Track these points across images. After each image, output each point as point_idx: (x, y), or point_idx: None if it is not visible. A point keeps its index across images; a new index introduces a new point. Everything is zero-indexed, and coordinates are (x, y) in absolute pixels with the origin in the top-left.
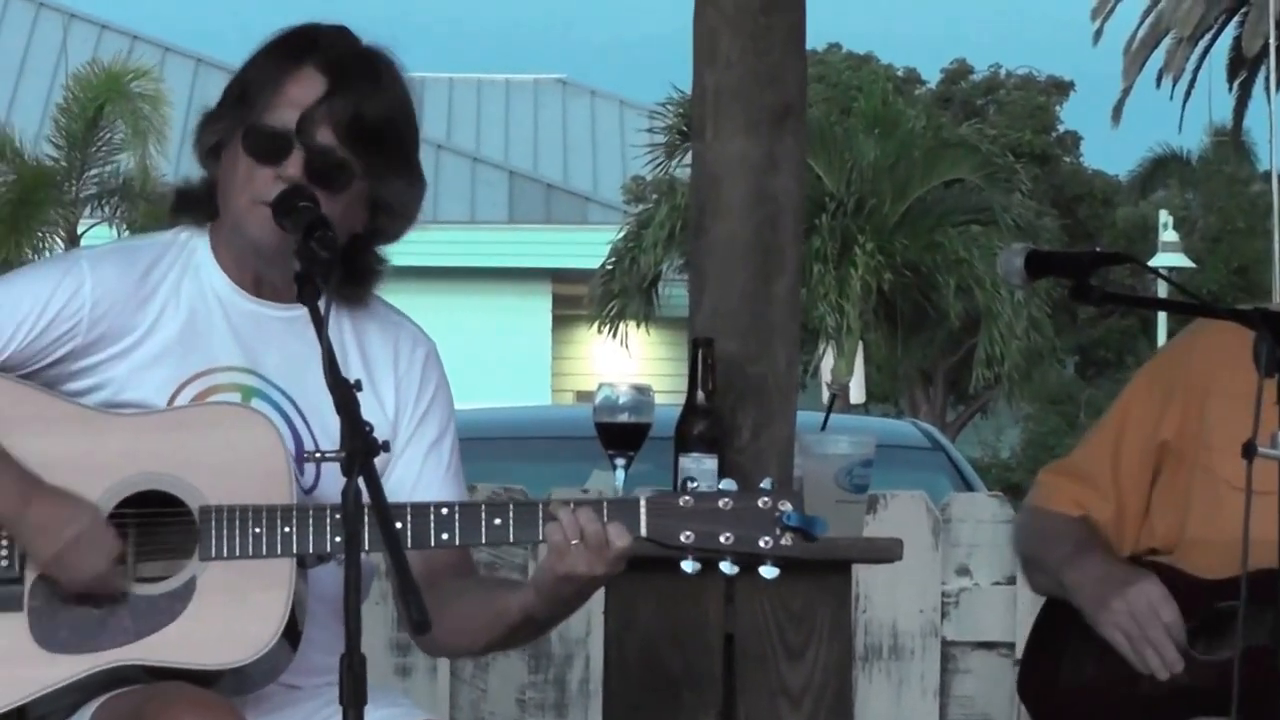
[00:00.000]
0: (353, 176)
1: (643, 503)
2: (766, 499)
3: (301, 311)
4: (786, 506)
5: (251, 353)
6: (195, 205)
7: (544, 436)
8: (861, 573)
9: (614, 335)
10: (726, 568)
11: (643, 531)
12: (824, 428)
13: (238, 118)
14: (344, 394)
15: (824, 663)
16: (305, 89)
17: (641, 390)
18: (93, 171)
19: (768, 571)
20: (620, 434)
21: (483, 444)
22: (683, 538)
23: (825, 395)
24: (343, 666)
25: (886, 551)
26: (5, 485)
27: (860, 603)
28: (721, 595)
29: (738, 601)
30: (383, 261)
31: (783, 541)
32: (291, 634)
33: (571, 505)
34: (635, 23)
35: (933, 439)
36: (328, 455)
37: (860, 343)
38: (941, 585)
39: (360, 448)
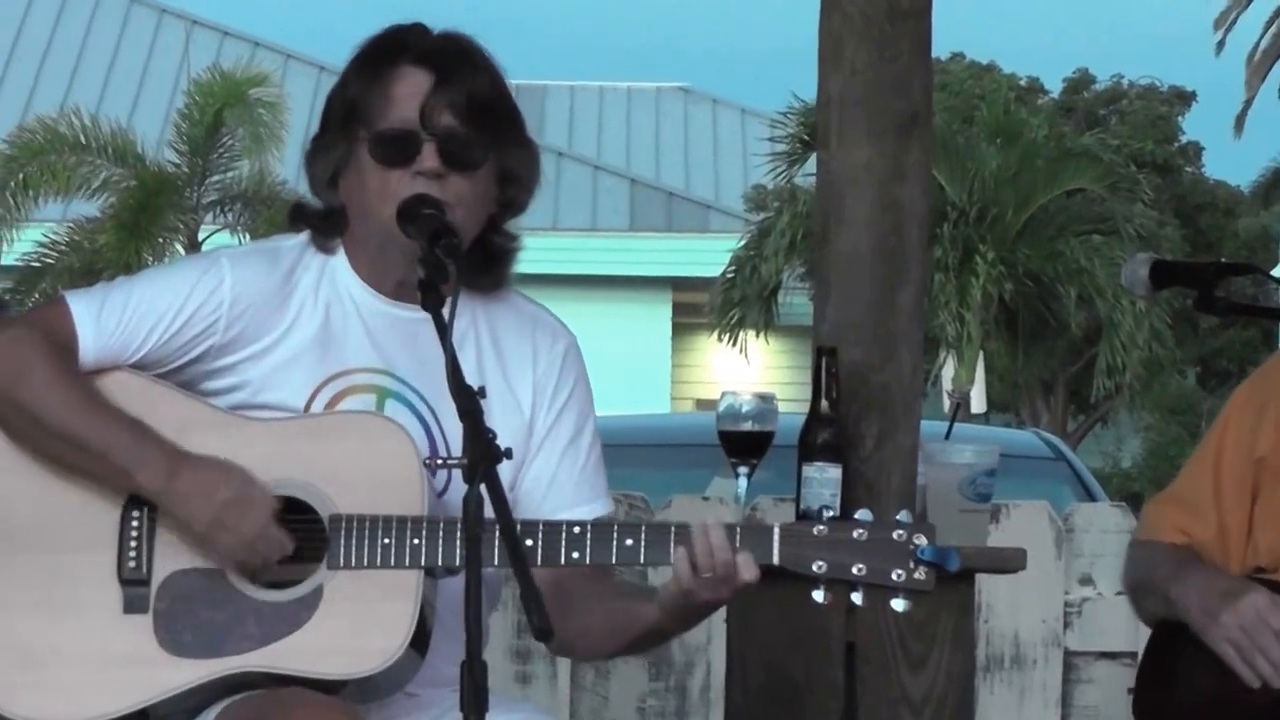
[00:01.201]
0: (485, 153)
1: (776, 531)
2: (901, 531)
3: None
4: (921, 540)
5: (386, 354)
6: (316, 226)
7: (664, 444)
8: (984, 582)
9: (734, 343)
10: (857, 599)
11: (775, 559)
12: (948, 437)
13: (351, 137)
14: (467, 401)
15: (946, 672)
16: (412, 85)
17: (765, 398)
18: (214, 178)
19: (898, 604)
20: (744, 442)
21: (605, 451)
22: (815, 567)
23: (946, 404)
24: (464, 673)
25: (1010, 561)
26: (152, 457)
27: (982, 612)
28: (844, 603)
29: (860, 611)
30: (516, 239)
31: (916, 575)
32: (419, 644)
33: (706, 529)
34: (757, 31)
35: (1055, 448)
36: (450, 462)
37: (981, 352)
38: (1064, 595)
39: (482, 455)
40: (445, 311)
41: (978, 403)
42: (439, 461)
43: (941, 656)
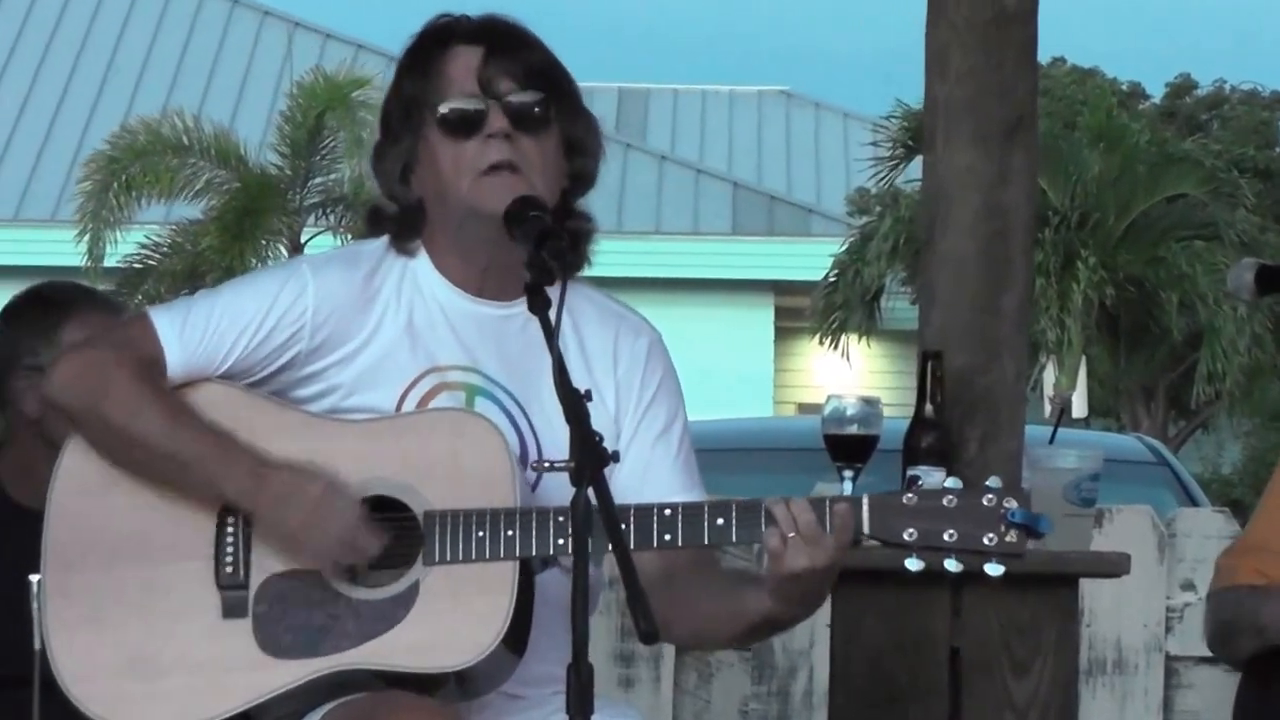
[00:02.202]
0: (549, 112)
1: (865, 500)
2: (991, 496)
3: (520, 309)
4: (1012, 504)
5: (473, 352)
6: (395, 227)
7: (767, 448)
8: (1086, 587)
9: (836, 347)
10: (951, 565)
11: (865, 529)
12: (1052, 441)
13: (415, 129)
14: (574, 404)
15: (1050, 677)
16: (466, 59)
17: (870, 402)
18: (316, 180)
19: (993, 569)
20: (849, 446)
21: (705, 455)
22: (906, 535)
23: (1047, 409)
24: (570, 676)
25: (1114, 565)
26: (236, 467)
27: (1085, 617)
28: (948, 608)
29: (964, 614)
30: (591, 219)
31: (1008, 538)
32: (516, 641)
33: (788, 498)
34: (858, 34)
35: (1157, 453)
36: (557, 465)
37: (1083, 357)
38: (1166, 600)
39: (590, 458)
40: (551, 314)
41: (1079, 408)
42: (546, 464)
43: (1045, 661)
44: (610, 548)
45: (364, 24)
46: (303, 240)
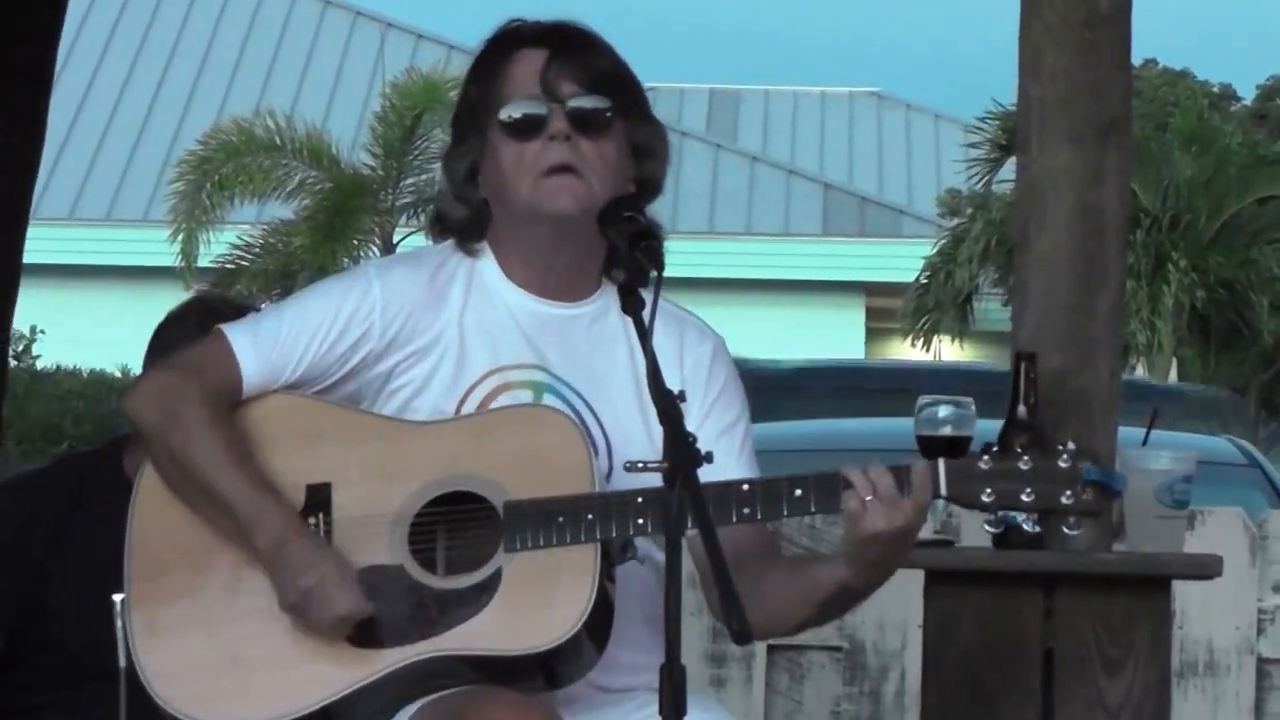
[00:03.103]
0: (610, 116)
1: (942, 464)
2: (1067, 456)
3: (587, 309)
4: (1086, 463)
5: (539, 350)
6: (461, 235)
7: (858, 449)
8: (1177, 589)
9: (927, 349)
10: (1028, 526)
11: (943, 490)
12: (1145, 443)
13: (481, 130)
14: (667, 404)
15: (1143, 678)
16: (530, 62)
17: (962, 403)
18: (408, 180)
19: (1070, 529)
20: (941, 447)
21: (796, 456)
22: (983, 497)
23: None
24: (663, 676)
25: (1207, 567)
26: (269, 526)
27: (1176, 619)
28: (1041, 609)
29: (1057, 615)
30: (660, 226)
31: (1084, 497)
32: (599, 630)
33: (864, 467)
34: (951, 36)
35: (1249, 456)
36: (650, 465)
37: (1173, 359)
38: (1257, 602)
39: (684, 459)
40: (645, 314)
41: None
42: (639, 465)
43: (1138, 662)
44: (704, 548)
45: (455, 25)
46: (394, 240)
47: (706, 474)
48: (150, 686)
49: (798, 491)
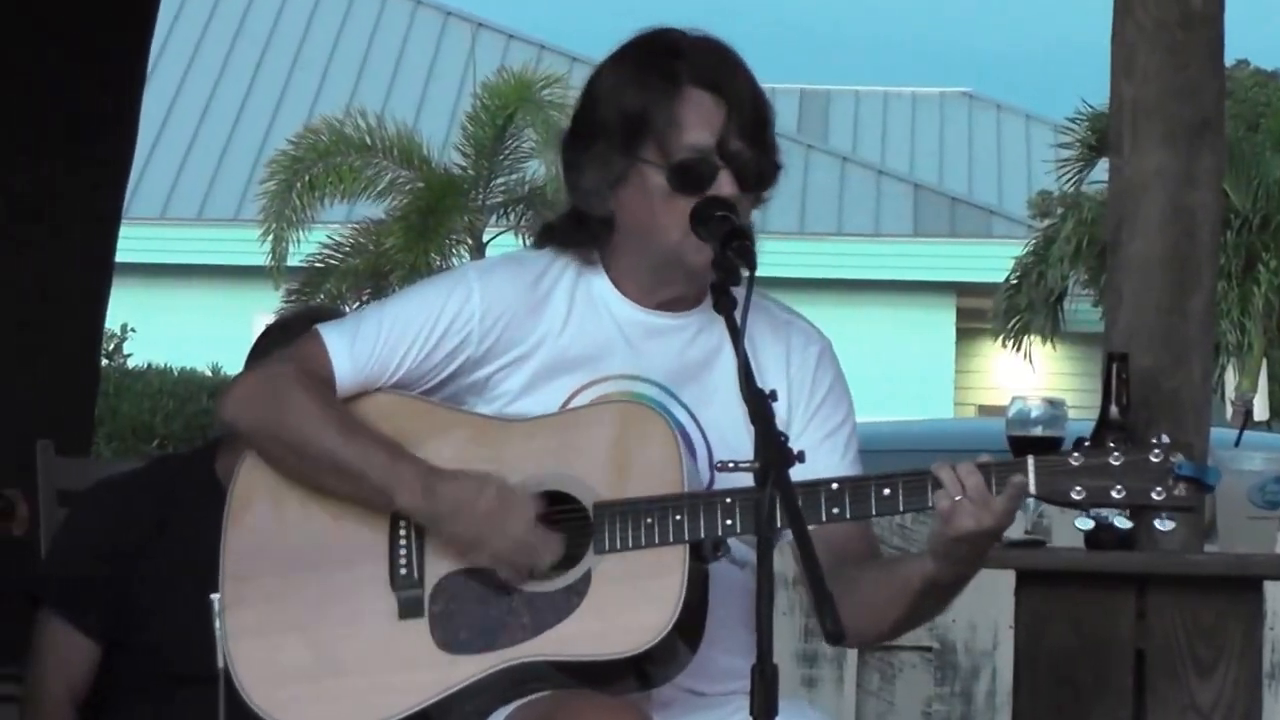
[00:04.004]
0: (775, 170)
1: (1031, 461)
2: (1158, 451)
3: (692, 319)
4: (1178, 458)
5: (643, 360)
6: (575, 242)
7: (949, 450)
8: (1270, 590)
9: (1018, 349)
10: (1120, 522)
11: (1033, 489)
12: (1238, 444)
13: (631, 153)
14: (759, 405)
15: (1235, 679)
16: (703, 112)
17: (1054, 404)
18: (499, 180)
19: (1162, 525)
20: (1033, 447)
21: (887, 456)
22: (1073, 494)
23: (1229, 412)
24: (754, 675)
25: None
26: (408, 478)
27: (1268, 619)
28: (1133, 610)
29: (1149, 616)
30: (751, 226)
31: (1176, 492)
32: (690, 630)
33: (953, 463)
34: (1042, 36)
35: None
36: (741, 465)
37: (1264, 360)
38: None
39: (776, 458)
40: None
41: (1260, 410)
42: (730, 465)
43: (1230, 664)
44: (796, 547)
45: (546, 25)
46: (485, 240)
47: (806, 476)
48: (243, 689)
49: (886, 490)
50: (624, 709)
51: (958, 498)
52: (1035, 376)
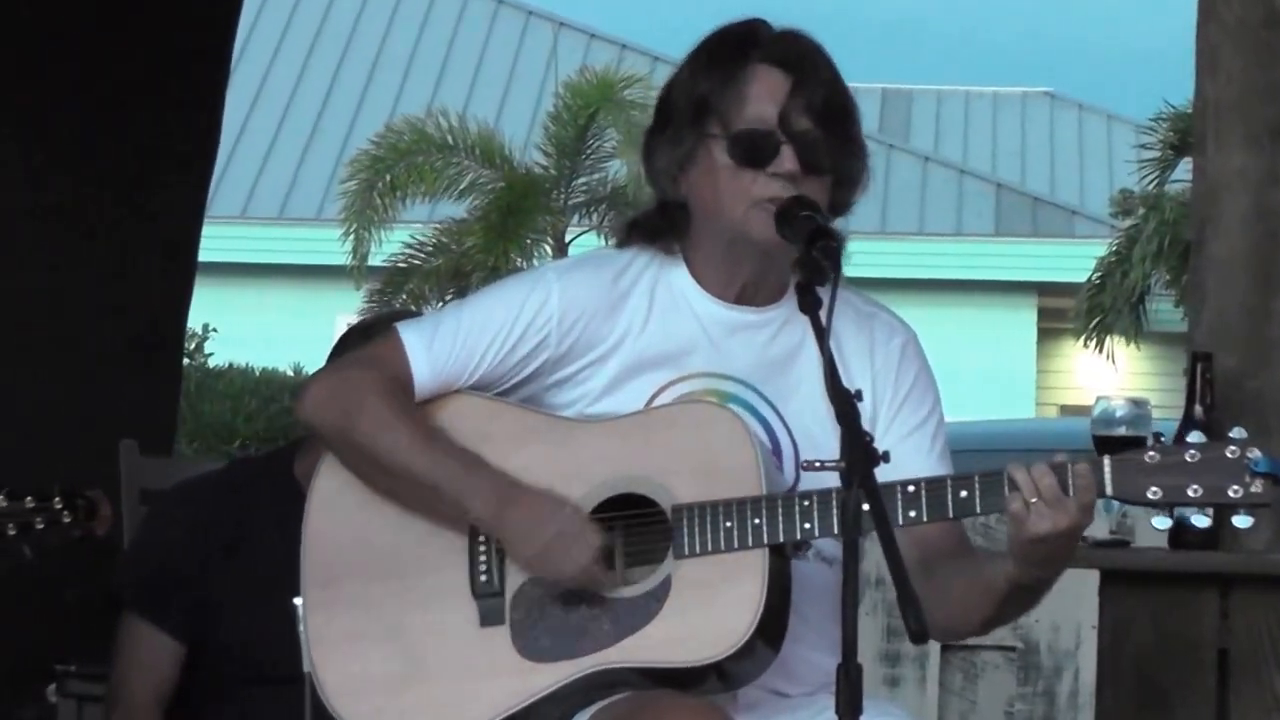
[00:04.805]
0: (835, 157)
1: (1107, 460)
2: (1234, 448)
3: (775, 315)
4: (1255, 454)
5: (726, 358)
6: (657, 233)
7: (1032, 449)
8: None
9: (1100, 349)
10: (1199, 520)
11: (1108, 490)
12: None
13: (700, 133)
14: (844, 404)
15: None
16: (768, 85)
17: (1139, 403)
18: (580, 180)
19: (1241, 521)
20: (1117, 447)
21: (969, 456)
22: (1149, 493)
23: None
24: (839, 675)
25: None
26: (483, 490)
27: None
28: (1216, 609)
29: (1232, 616)
30: (844, 237)
31: (1253, 489)
32: (772, 631)
33: (1027, 465)
34: (1123, 32)
35: None
36: (826, 464)
37: None
38: None
39: (861, 458)
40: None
41: None
42: (816, 464)
43: None
44: (881, 547)
45: (628, 24)
46: (566, 240)
47: (892, 472)
48: (326, 698)
49: (963, 492)
50: (706, 710)
51: (1032, 500)
52: (1117, 376)
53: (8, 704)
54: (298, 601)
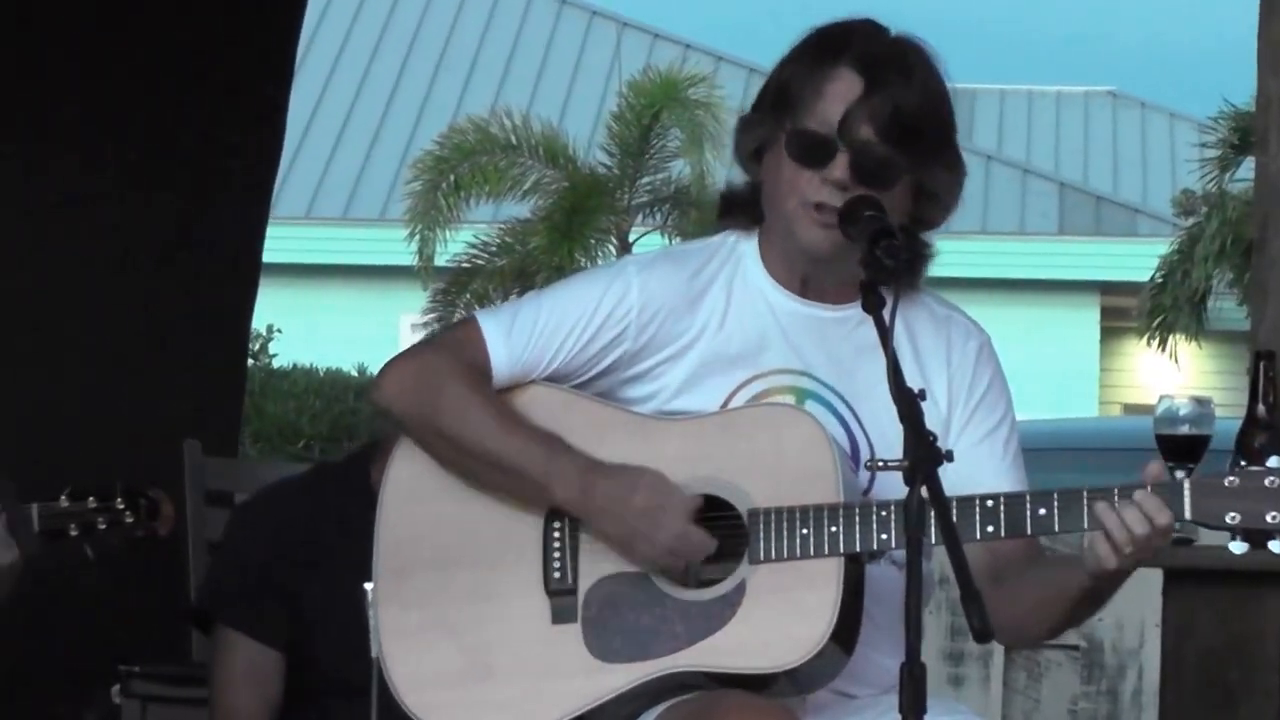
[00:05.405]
0: (899, 172)
1: (1187, 485)
2: None
3: (850, 312)
4: None
5: (802, 355)
6: (740, 209)
7: (1095, 448)
8: None
9: (1162, 348)
10: (1276, 547)
11: (1187, 514)
12: None
13: (777, 121)
14: (909, 404)
15: None
16: (842, 89)
17: (1202, 402)
18: (645, 179)
19: None
20: (1181, 446)
21: (1032, 455)
22: (1228, 518)
23: None
24: (903, 674)
25: None
26: (566, 471)
27: None
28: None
29: None
30: (929, 246)
31: None
32: (845, 637)
33: (1115, 494)
34: (1186, 34)
35: None
36: (890, 464)
37: None
38: None
39: (924, 457)
40: (885, 314)
41: None
42: (880, 463)
43: None
44: (944, 546)
45: (691, 24)
46: (630, 240)
47: (964, 477)
48: (395, 690)
49: (1041, 510)
50: (775, 711)
51: (1113, 534)
52: (1179, 375)
53: (72, 705)
54: (368, 587)
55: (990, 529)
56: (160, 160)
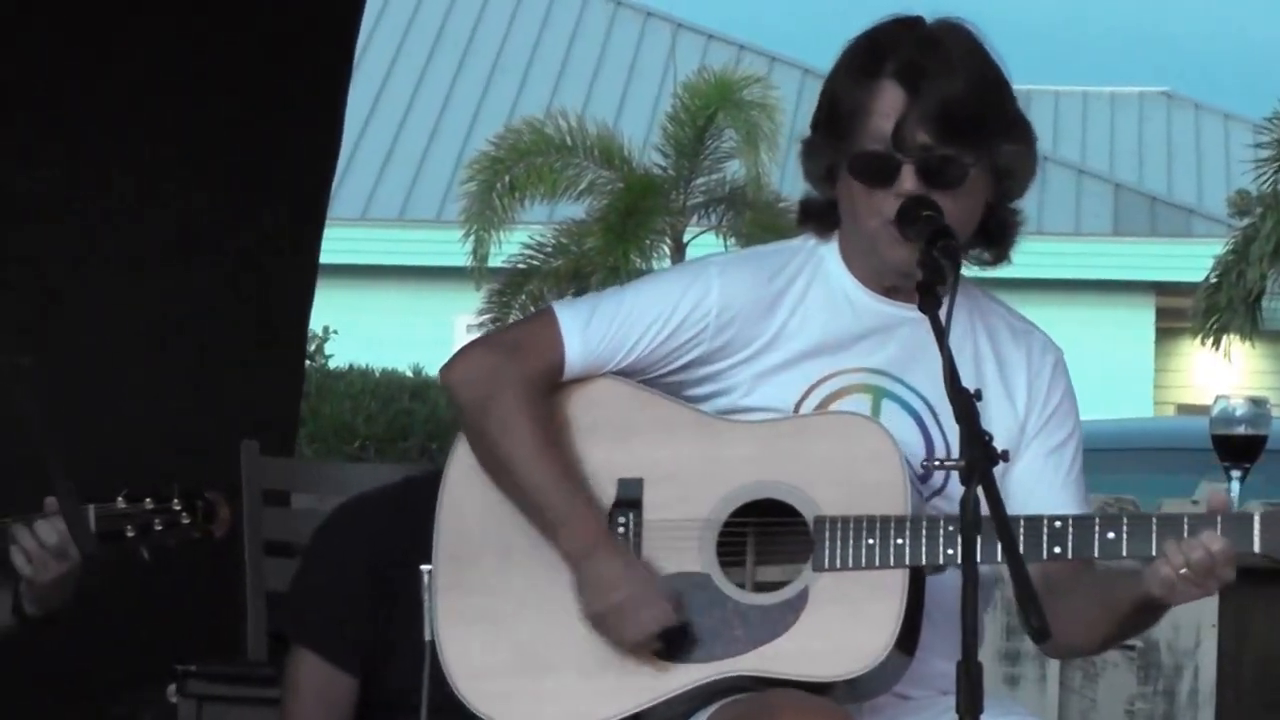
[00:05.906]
0: (966, 167)
1: (1257, 519)
2: None
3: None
4: None
5: (882, 353)
6: (818, 217)
7: (1150, 448)
8: None
9: (1217, 348)
10: None
11: (1256, 547)
12: None
13: (837, 144)
14: (963, 403)
15: None
16: (887, 103)
17: (1258, 402)
18: (699, 180)
19: None
20: (1237, 446)
21: (1088, 455)
22: None
23: None
24: (959, 673)
25: None
26: (577, 530)
27: None
28: None
29: None
30: (1017, 214)
31: None
32: (907, 644)
33: (1184, 525)
34: (1238, 35)
35: None
36: (947, 464)
37: None
38: None
39: (980, 457)
40: (942, 314)
41: None
42: (935, 463)
43: None
44: (1000, 545)
45: (746, 24)
46: (685, 241)
47: (1024, 487)
48: (451, 678)
49: (1110, 534)
50: (829, 711)
51: (1181, 571)
52: (1234, 375)
53: (129, 704)
54: (425, 569)
55: (1058, 550)
56: (219, 162)
